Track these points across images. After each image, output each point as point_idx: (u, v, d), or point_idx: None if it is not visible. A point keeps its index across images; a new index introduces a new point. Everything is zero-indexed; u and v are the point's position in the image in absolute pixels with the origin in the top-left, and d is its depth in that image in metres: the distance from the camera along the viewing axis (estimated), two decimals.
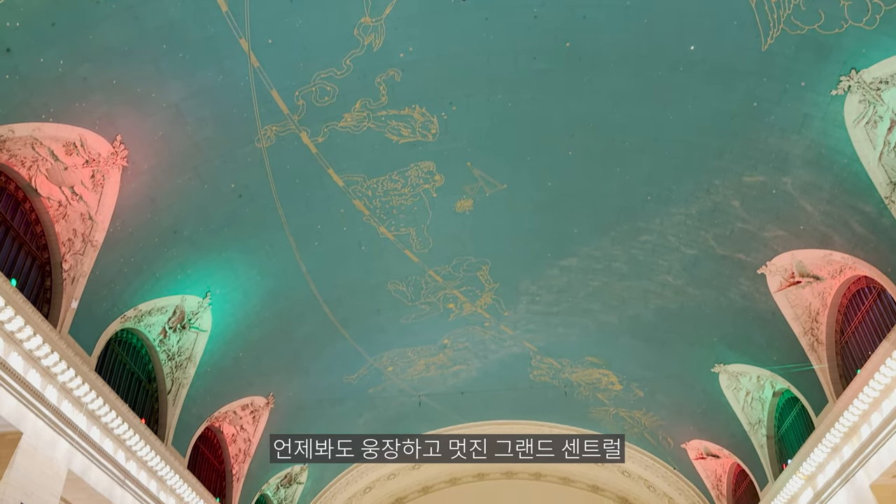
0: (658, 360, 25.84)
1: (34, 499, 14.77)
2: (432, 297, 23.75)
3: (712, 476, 29.96)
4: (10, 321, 13.84)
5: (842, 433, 19.24)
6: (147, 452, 18.87)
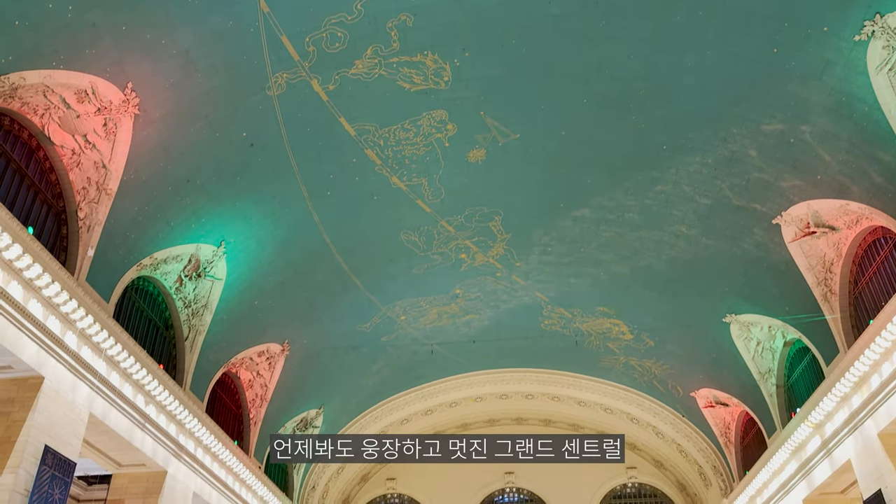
0: (669, 311, 25.93)
1: (58, 441, 15.25)
2: (444, 247, 23.81)
3: (720, 424, 30.34)
4: (28, 268, 14.06)
5: (852, 382, 19.35)
6: (166, 397, 19.33)
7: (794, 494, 24.71)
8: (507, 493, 39.31)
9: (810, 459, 23.07)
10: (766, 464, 25.64)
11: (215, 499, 23.31)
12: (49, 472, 14.80)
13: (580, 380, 33.95)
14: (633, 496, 38.21)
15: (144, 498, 19.71)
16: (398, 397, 34.39)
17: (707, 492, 34.70)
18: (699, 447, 32.99)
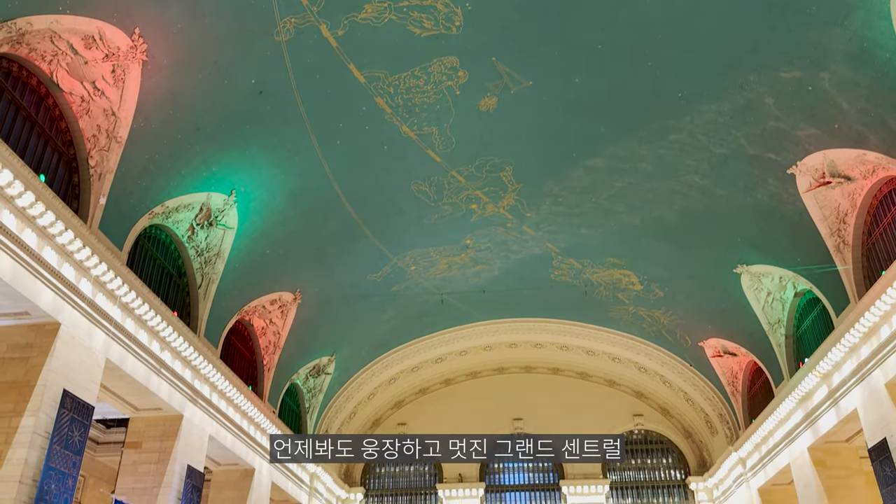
0: (680, 261, 25.88)
1: (76, 385, 15.60)
2: (455, 197, 23.72)
3: (728, 373, 30.60)
4: (41, 216, 14.16)
5: (861, 333, 19.39)
6: (181, 343, 19.65)
7: (800, 443, 25.06)
8: None
9: (816, 409, 23.31)
10: (772, 412, 25.94)
11: (230, 442, 23.90)
12: (68, 416, 15.19)
13: (589, 329, 34.19)
14: (640, 442, 38.85)
15: (162, 441, 20.23)
16: (409, 345, 34.81)
17: (713, 439, 35.23)
18: (706, 396, 33.36)
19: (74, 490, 15.40)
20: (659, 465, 38.35)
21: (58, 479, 14.68)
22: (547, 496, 38.59)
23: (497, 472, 39.44)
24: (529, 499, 38.85)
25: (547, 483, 38.84)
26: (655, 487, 37.93)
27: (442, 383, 39.98)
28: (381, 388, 37.13)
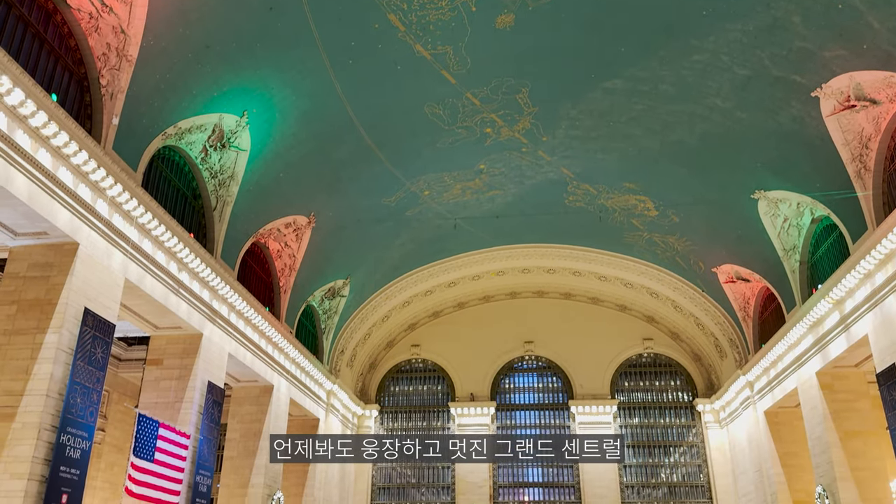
0: (697, 186, 25.60)
1: (96, 304, 15.95)
2: (469, 121, 23.36)
3: (740, 298, 30.74)
4: (55, 136, 14.14)
5: (877, 260, 19.28)
6: (198, 264, 19.92)
7: (808, 367, 25.37)
8: (527, 361, 40.86)
9: (827, 334, 23.48)
10: (782, 337, 26.17)
11: (249, 360, 24.56)
12: (90, 333, 15.60)
13: (602, 255, 34.24)
14: (649, 365, 39.51)
15: (182, 358, 20.82)
16: (422, 270, 35.11)
17: (722, 363, 35.75)
18: (717, 321, 33.64)
19: (99, 404, 15.98)
20: (667, 387, 39.10)
21: (83, 394, 15.22)
22: (556, 415, 39.64)
23: (508, 391, 40.42)
24: (539, 417, 39.95)
25: (556, 403, 39.83)
26: (663, 408, 38.80)
27: (455, 307, 40.51)
28: (395, 310, 37.71)
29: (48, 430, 14.19)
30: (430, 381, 41.20)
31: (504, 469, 39.00)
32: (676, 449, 37.98)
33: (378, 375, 41.24)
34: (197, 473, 20.36)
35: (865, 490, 23.19)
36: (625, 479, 37.64)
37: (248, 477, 25.18)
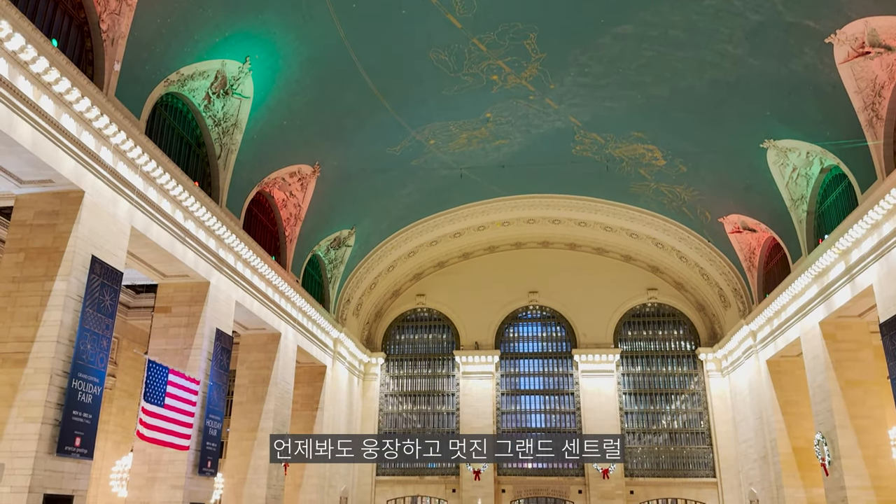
0: (706, 135, 25.29)
1: (104, 252, 16.04)
2: (475, 67, 22.97)
3: (746, 249, 30.71)
4: (56, 82, 13.99)
5: (885, 210, 19.16)
6: (203, 213, 19.94)
7: (812, 317, 25.49)
8: (531, 310, 41.15)
9: (832, 284, 23.51)
10: (787, 287, 26.23)
11: (257, 308, 24.80)
12: (99, 281, 15.73)
13: (608, 205, 34.10)
14: (652, 315, 39.77)
15: (190, 306, 21.02)
16: (427, 220, 35.08)
17: (725, 313, 35.94)
18: (722, 271, 33.68)
19: (109, 350, 16.22)
20: (670, 336, 39.43)
21: (93, 340, 15.44)
22: (559, 363, 40.13)
23: (512, 340, 40.84)
24: (543, 365, 40.47)
25: (560, 351, 40.27)
26: (665, 357, 39.21)
27: (460, 257, 40.62)
28: (400, 260, 37.84)
29: (60, 376, 14.45)
30: (435, 330, 41.64)
31: (508, 416, 39.72)
32: (678, 397, 38.52)
33: (384, 324, 41.64)
34: (207, 418, 20.79)
35: (864, 437, 23.57)
36: (626, 426, 38.30)
37: (258, 421, 25.71)
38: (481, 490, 37.24)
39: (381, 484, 38.89)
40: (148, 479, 19.46)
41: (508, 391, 40.26)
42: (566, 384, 39.78)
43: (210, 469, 20.91)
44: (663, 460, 37.71)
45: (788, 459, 29.24)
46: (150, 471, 19.53)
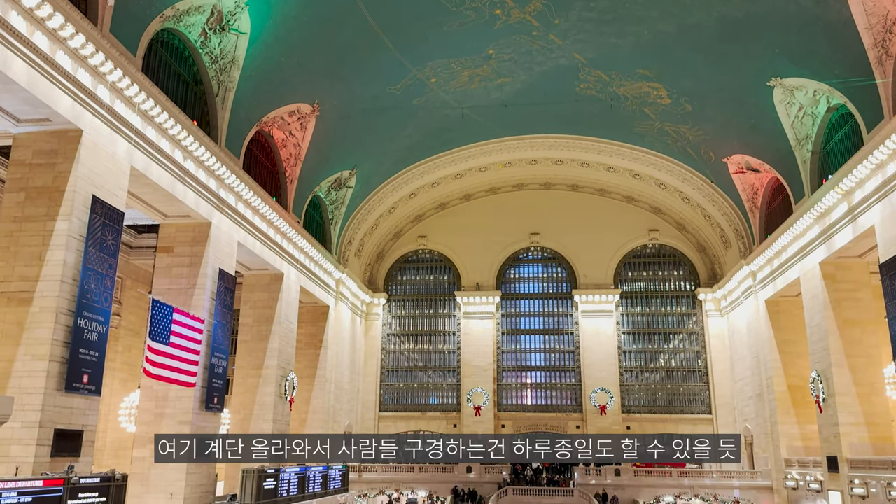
0: (713, 73, 24.82)
1: (104, 191, 15.98)
2: (477, 1, 22.39)
3: (749, 189, 30.56)
4: (50, 18, 13.68)
5: (890, 150, 18.97)
6: (203, 153, 19.78)
7: (812, 257, 25.56)
8: (532, 252, 41.28)
9: (834, 225, 23.49)
10: (789, 227, 26.23)
11: (259, 248, 24.88)
12: (100, 221, 15.73)
13: (611, 146, 33.78)
14: (653, 256, 39.92)
15: (192, 246, 21.09)
16: (429, 161, 34.82)
17: (726, 253, 36.04)
18: (724, 211, 33.61)
19: (113, 290, 16.34)
20: (670, 276, 39.68)
21: (97, 280, 15.54)
22: (559, 304, 40.52)
23: (513, 281, 41.12)
24: (543, 306, 40.86)
25: (560, 292, 40.59)
26: (664, 297, 39.54)
27: (461, 198, 40.49)
28: (401, 202, 37.74)
29: (65, 315, 14.60)
30: (436, 271, 41.88)
31: (508, 355, 40.33)
32: (676, 336, 39.02)
33: (385, 265, 41.86)
34: (212, 356, 21.13)
35: (859, 376, 23.97)
36: (624, 364, 38.92)
37: (262, 359, 26.14)
38: (481, 425, 38.12)
39: (384, 419, 39.83)
40: (156, 415, 19.90)
41: (509, 331, 40.78)
42: (566, 324, 40.27)
43: (217, 405, 21.36)
44: (660, 397, 38.47)
45: (783, 397, 29.83)
46: (157, 407, 19.95)
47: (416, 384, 40.47)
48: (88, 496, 13.47)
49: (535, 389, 40.00)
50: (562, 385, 39.69)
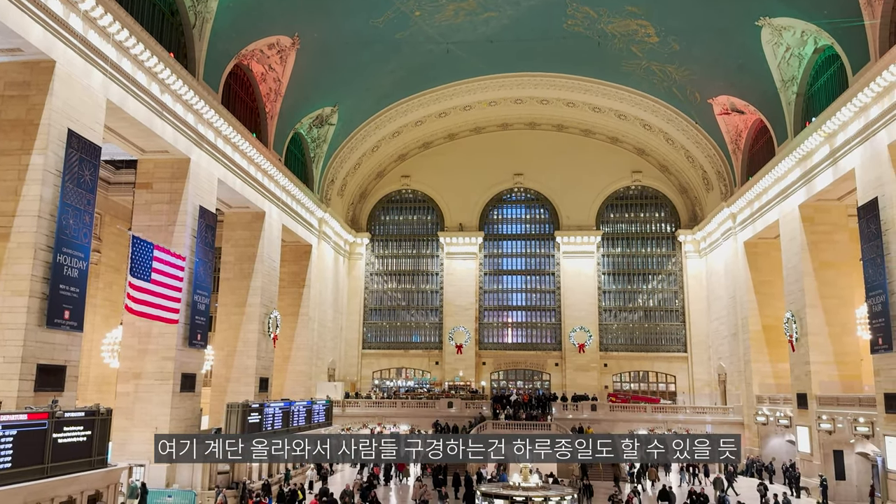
0: (701, 11, 24.42)
1: (80, 125, 15.60)
2: None
3: (732, 131, 30.54)
4: None
5: (875, 92, 18.94)
6: (180, 86, 19.30)
7: (792, 200, 25.79)
8: (515, 193, 41.25)
9: (815, 167, 23.62)
10: (771, 169, 26.36)
11: (239, 186, 24.61)
12: (77, 155, 15.41)
13: (597, 85, 33.40)
14: (635, 197, 40.12)
15: (172, 182, 20.81)
16: (412, 98, 34.28)
17: (707, 195, 36.27)
18: (707, 153, 33.63)
19: (92, 226, 16.16)
20: (651, 218, 39.98)
21: (75, 216, 15.33)
22: (542, 244, 40.80)
23: (496, 222, 41.21)
24: (525, 247, 41.12)
25: (543, 233, 40.80)
26: (645, 239, 39.94)
27: (445, 138, 40.08)
28: (384, 140, 37.30)
29: (44, 250, 14.45)
30: (419, 211, 41.80)
31: (490, 295, 40.75)
32: (655, 277, 39.59)
33: (369, 205, 41.68)
34: (195, 293, 21.13)
35: (832, 316, 24.56)
36: (603, 304, 39.52)
37: (245, 297, 26.20)
38: (463, 363, 38.82)
39: (367, 356, 40.39)
40: (139, 351, 20.00)
41: (491, 271, 41.09)
42: (548, 265, 40.63)
43: (200, 342, 21.49)
44: (637, 336, 39.28)
45: (757, 336, 30.56)
46: (140, 343, 20.04)
47: (399, 323, 40.90)
48: (73, 430, 13.63)
49: (515, 328, 40.63)
50: (542, 324, 40.31)
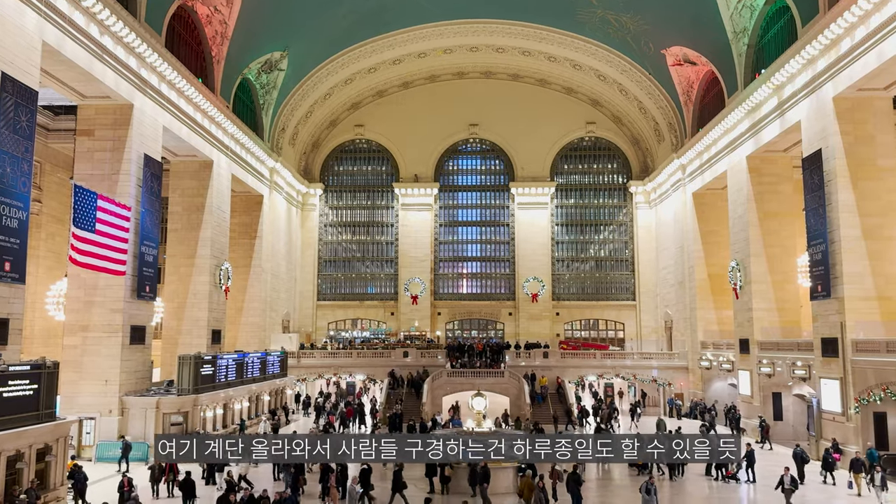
0: None
1: (14, 68, 14.81)
2: None
3: (684, 82, 30.79)
4: None
5: (822, 45, 19.25)
6: (121, 28, 18.43)
7: (740, 151, 26.31)
8: (471, 143, 41.04)
9: (763, 119, 24.06)
10: (720, 121, 26.76)
11: (185, 134, 23.85)
12: (12, 100, 14.68)
13: (553, 34, 33.10)
14: (589, 149, 40.38)
15: (114, 129, 20.06)
16: (365, 44, 33.45)
17: (658, 147, 36.72)
18: (659, 105, 33.90)
19: (31, 175, 15.53)
20: (604, 169, 40.38)
21: (12, 163, 14.69)
22: (497, 196, 40.88)
23: (451, 173, 41.03)
24: (480, 198, 41.17)
25: (498, 185, 40.86)
26: (598, 190, 40.38)
27: (400, 86, 39.41)
28: (337, 88, 36.49)
29: None
30: (374, 162, 41.28)
31: (445, 246, 40.84)
32: (606, 227, 40.20)
33: (322, 155, 40.95)
34: (142, 244, 20.62)
35: (774, 264, 25.41)
36: (556, 255, 40.05)
37: (195, 248, 25.72)
38: (418, 313, 39.07)
39: (322, 308, 40.26)
40: (85, 303, 19.54)
41: (446, 222, 41.07)
42: (502, 216, 40.81)
43: (149, 294, 21.08)
44: (588, 285, 40.06)
45: (703, 284, 31.50)
46: (86, 295, 19.57)
47: (354, 274, 40.79)
48: (19, 383, 13.35)
49: (470, 279, 40.94)
50: (496, 275, 40.72)
